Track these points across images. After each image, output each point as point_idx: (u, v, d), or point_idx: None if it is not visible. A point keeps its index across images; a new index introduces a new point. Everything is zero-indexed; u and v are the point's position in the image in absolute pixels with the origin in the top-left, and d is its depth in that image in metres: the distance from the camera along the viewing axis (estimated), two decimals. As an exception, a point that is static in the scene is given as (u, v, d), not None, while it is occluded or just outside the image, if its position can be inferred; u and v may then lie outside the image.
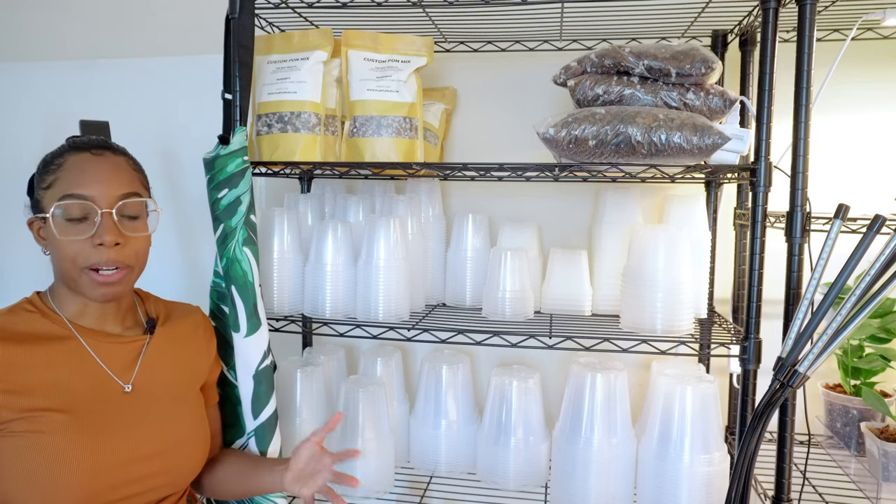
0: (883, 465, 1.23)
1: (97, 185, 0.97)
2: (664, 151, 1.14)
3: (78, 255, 0.95)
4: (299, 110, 1.34)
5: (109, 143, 1.04)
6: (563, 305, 1.45)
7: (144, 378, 1.02)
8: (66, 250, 0.95)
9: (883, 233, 0.98)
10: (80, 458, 0.91)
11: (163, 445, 1.00)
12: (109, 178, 0.99)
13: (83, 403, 0.95)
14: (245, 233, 1.21)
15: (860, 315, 0.96)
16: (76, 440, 0.91)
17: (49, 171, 0.98)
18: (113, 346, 1.01)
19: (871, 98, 1.50)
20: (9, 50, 1.90)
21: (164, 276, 1.83)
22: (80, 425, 0.92)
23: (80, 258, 0.95)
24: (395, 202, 1.47)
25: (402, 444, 1.53)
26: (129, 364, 1.02)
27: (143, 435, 0.98)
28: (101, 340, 1.00)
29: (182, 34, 1.79)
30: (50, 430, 0.90)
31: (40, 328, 0.97)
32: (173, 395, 1.05)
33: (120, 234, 0.97)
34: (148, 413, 1.00)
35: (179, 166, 1.84)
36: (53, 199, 0.96)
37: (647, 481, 1.30)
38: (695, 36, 1.53)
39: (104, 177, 0.98)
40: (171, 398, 1.05)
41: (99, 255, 0.95)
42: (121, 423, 0.97)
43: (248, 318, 1.20)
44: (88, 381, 0.97)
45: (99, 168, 0.99)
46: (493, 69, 1.66)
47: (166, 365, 1.06)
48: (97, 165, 0.99)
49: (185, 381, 1.09)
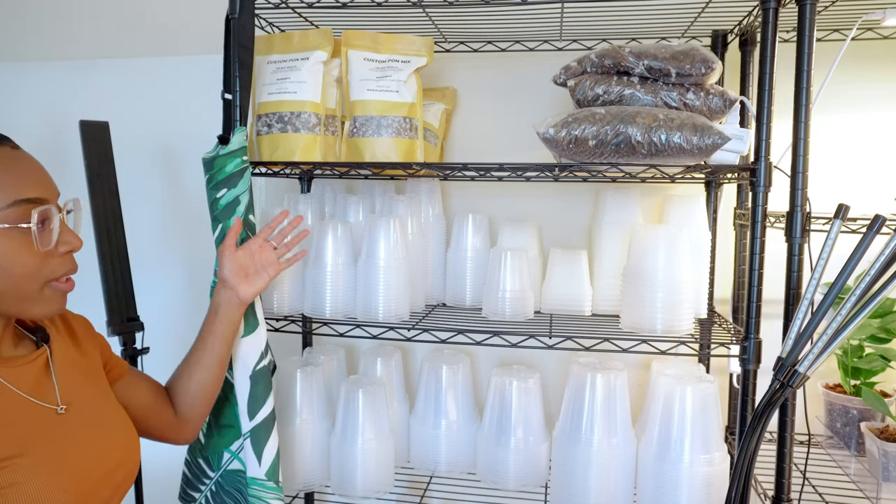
0: (883, 465, 1.23)
1: (43, 185, 0.85)
2: (664, 151, 1.14)
3: (44, 267, 0.83)
4: (299, 110, 1.34)
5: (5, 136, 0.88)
6: (563, 305, 1.45)
7: (67, 393, 0.91)
8: (26, 265, 0.82)
9: (883, 233, 0.98)
10: (63, 495, 0.81)
11: (115, 458, 0.92)
12: (46, 176, 0.87)
13: (29, 439, 0.81)
14: (244, 233, 1.21)
15: (860, 315, 0.96)
16: (50, 479, 0.80)
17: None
18: (18, 369, 0.86)
19: (870, 98, 1.50)
20: (9, 50, 1.90)
21: (164, 276, 1.83)
22: (43, 463, 0.81)
23: (46, 270, 0.84)
24: (395, 202, 1.47)
25: (402, 444, 1.53)
26: (44, 383, 0.89)
27: (96, 455, 0.89)
28: (5, 367, 0.85)
29: (182, 34, 1.79)
30: (23, 479, 0.78)
31: None
32: (96, 399, 0.96)
33: (77, 236, 0.88)
34: (88, 431, 0.90)
35: (179, 166, 1.84)
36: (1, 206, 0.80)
37: (647, 481, 1.30)
38: (695, 36, 1.53)
39: (43, 175, 0.86)
40: (97, 404, 0.95)
41: (65, 263, 0.87)
42: (74, 451, 0.86)
43: (245, 318, 1.20)
44: (17, 414, 0.83)
45: (34, 166, 0.85)
46: (493, 69, 1.66)
47: (76, 371, 0.95)
48: (30, 163, 0.85)
49: (96, 379, 0.99)
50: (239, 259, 1.15)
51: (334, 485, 1.44)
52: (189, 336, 1.19)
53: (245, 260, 1.16)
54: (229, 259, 1.15)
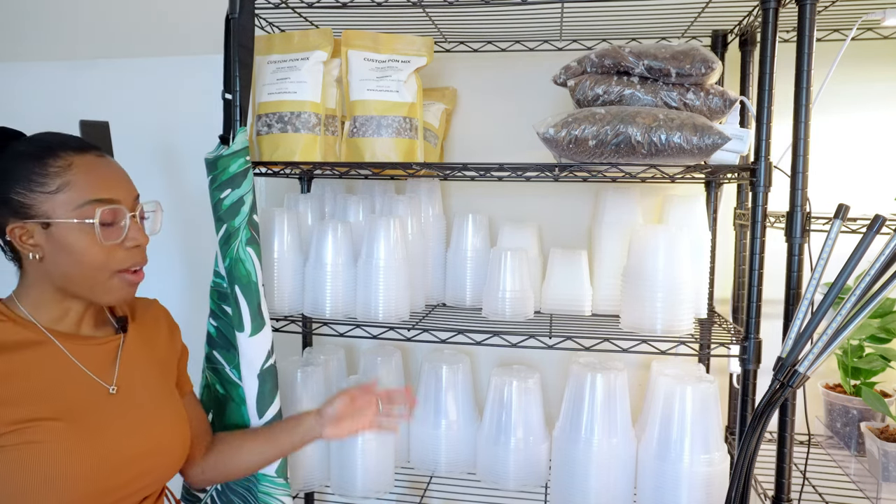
0: (883, 465, 1.23)
1: (119, 187, 0.97)
2: (664, 151, 1.14)
3: (110, 259, 0.95)
4: (299, 110, 1.34)
5: (94, 144, 1.01)
6: (563, 305, 1.45)
7: (125, 378, 1.00)
8: (94, 256, 0.93)
9: (883, 233, 0.98)
10: (77, 465, 0.88)
11: (149, 445, 0.98)
12: (125, 180, 0.99)
13: (73, 409, 0.92)
14: (248, 233, 1.21)
15: (860, 315, 0.96)
16: (73, 447, 0.89)
17: (50, 175, 0.92)
18: (90, 348, 0.99)
19: (871, 98, 1.50)
20: (9, 50, 1.90)
21: (165, 275, 1.83)
22: (74, 431, 0.90)
23: (114, 262, 0.95)
24: (395, 202, 1.47)
25: (402, 444, 1.53)
26: (108, 365, 1.00)
27: (133, 436, 0.96)
28: (79, 344, 0.98)
29: (182, 34, 1.79)
30: (46, 439, 0.87)
31: (14, 336, 0.93)
32: (153, 393, 1.04)
33: (144, 234, 1.00)
34: (133, 413, 0.99)
35: (179, 166, 1.84)
36: (70, 205, 0.92)
37: (647, 481, 1.30)
38: (695, 36, 1.53)
39: (121, 179, 0.98)
40: (151, 396, 1.03)
41: (133, 256, 0.97)
42: (111, 426, 0.95)
43: (252, 318, 1.20)
44: (74, 386, 0.94)
45: (113, 170, 0.98)
46: (493, 69, 1.66)
47: (142, 362, 1.05)
48: (109, 168, 0.98)
49: (161, 377, 1.08)
50: (345, 410, 1.22)
51: (334, 485, 1.44)
52: (188, 336, 1.19)
53: (346, 410, 1.22)
54: (341, 401, 1.22)
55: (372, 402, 1.24)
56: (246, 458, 1.18)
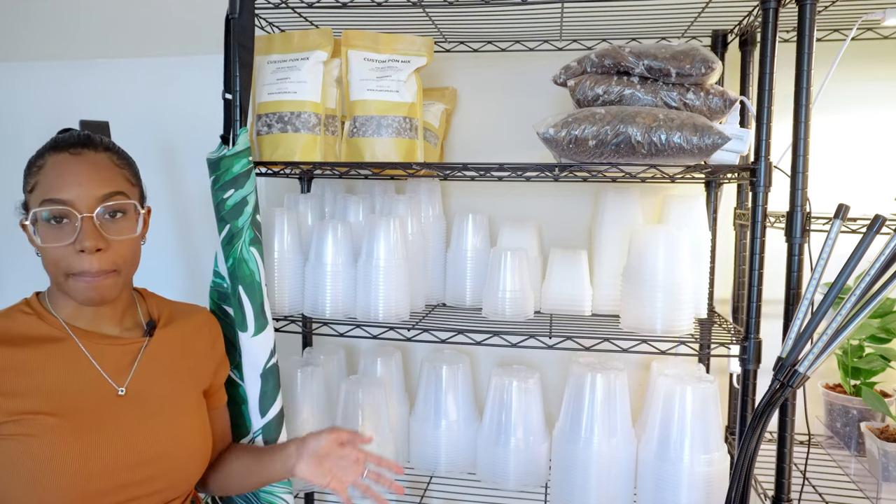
0: (883, 465, 1.23)
1: (75, 188, 0.92)
2: (664, 151, 1.14)
3: (60, 261, 0.92)
4: (299, 110, 1.34)
5: (92, 139, 0.98)
6: (563, 305, 1.45)
7: (140, 381, 1.00)
8: (48, 255, 0.93)
9: (883, 233, 0.98)
10: (68, 462, 0.88)
11: (158, 450, 0.97)
12: (88, 179, 0.94)
13: (74, 406, 0.92)
14: (252, 233, 1.21)
15: (860, 315, 0.96)
16: (65, 444, 0.89)
17: (32, 174, 0.95)
18: (109, 347, 0.99)
19: (871, 97, 1.50)
20: (9, 50, 1.90)
21: (164, 275, 1.83)
22: (69, 428, 0.90)
23: (63, 264, 0.92)
24: (395, 202, 1.47)
25: (402, 444, 1.53)
26: (124, 366, 0.99)
27: (137, 439, 0.95)
28: (97, 342, 0.98)
29: (182, 34, 1.79)
30: (38, 433, 0.88)
31: (36, 330, 0.95)
32: (170, 399, 1.02)
33: (101, 238, 0.93)
34: (142, 417, 0.97)
35: (179, 166, 1.84)
36: (36, 203, 0.93)
37: (647, 481, 1.30)
38: (695, 36, 1.53)
39: (82, 179, 0.93)
40: (167, 402, 1.02)
41: (81, 261, 0.92)
42: (112, 427, 0.94)
43: (255, 318, 1.20)
44: (81, 382, 0.95)
45: (77, 170, 0.94)
46: (493, 69, 1.66)
47: (165, 368, 1.04)
48: (75, 167, 0.94)
49: (185, 385, 1.06)
50: (330, 449, 1.12)
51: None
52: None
53: (331, 450, 1.12)
54: (327, 439, 1.12)
55: (360, 459, 1.13)
56: (236, 474, 1.16)
